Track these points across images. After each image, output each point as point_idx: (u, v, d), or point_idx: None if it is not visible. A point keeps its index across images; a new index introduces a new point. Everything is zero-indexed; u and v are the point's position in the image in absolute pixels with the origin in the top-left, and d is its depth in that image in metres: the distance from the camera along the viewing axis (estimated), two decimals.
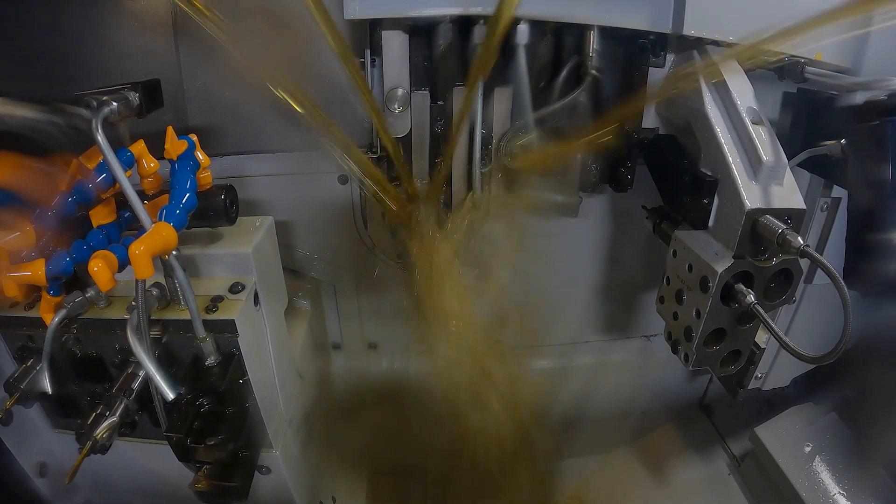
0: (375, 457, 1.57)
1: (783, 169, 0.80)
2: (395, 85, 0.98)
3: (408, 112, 1.00)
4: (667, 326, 0.96)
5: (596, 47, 0.94)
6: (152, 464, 1.00)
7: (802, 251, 0.72)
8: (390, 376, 1.49)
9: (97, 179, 0.75)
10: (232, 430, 0.82)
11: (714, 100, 0.88)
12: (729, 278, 0.80)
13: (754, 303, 0.78)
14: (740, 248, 0.80)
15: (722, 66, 0.88)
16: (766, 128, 0.83)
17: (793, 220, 0.78)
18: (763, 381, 1.28)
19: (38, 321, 0.82)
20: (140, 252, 0.67)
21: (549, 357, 1.54)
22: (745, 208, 0.78)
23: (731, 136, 0.85)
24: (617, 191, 1.11)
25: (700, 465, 1.57)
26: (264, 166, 1.12)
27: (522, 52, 0.92)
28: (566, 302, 1.46)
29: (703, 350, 0.87)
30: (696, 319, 0.85)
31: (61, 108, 0.66)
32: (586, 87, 0.96)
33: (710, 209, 0.87)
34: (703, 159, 0.89)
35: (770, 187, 0.80)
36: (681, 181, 0.93)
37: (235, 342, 0.85)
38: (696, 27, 0.88)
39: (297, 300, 1.29)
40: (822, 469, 1.27)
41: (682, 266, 0.89)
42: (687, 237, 0.90)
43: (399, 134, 1.01)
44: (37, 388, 0.84)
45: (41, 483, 1.01)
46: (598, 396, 1.59)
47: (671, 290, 0.93)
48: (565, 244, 1.34)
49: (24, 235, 0.73)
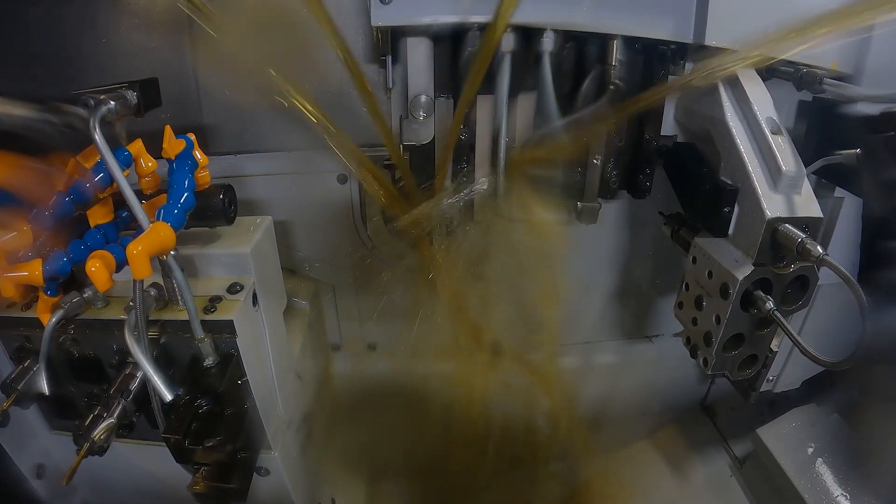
0: (375, 458, 1.56)
1: (802, 178, 0.82)
2: (420, 92, 0.98)
3: (431, 119, 1.00)
4: (685, 331, 0.98)
5: (619, 57, 0.94)
6: (150, 465, 1.00)
7: (822, 259, 0.73)
8: (390, 377, 1.48)
9: (94, 179, 0.74)
10: (230, 431, 0.81)
11: (734, 109, 0.89)
12: (748, 285, 0.82)
13: (773, 309, 0.80)
14: (760, 256, 0.82)
15: (741, 75, 0.89)
16: (785, 137, 0.84)
17: (810, 227, 0.80)
18: (774, 384, 1.29)
19: (35, 321, 0.81)
20: (138, 252, 0.67)
21: (563, 357, 1.53)
22: (766, 217, 0.80)
23: (752, 146, 0.86)
24: (636, 197, 1.12)
25: (702, 467, 1.57)
26: (263, 165, 1.12)
27: (547, 60, 0.92)
28: (571, 305, 1.45)
29: (721, 355, 0.89)
30: (717, 325, 0.87)
31: (58, 107, 0.66)
32: (609, 96, 0.96)
33: (730, 217, 0.88)
34: (724, 168, 0.90)
35: (790, 196, 0.82)
36: (701, 189, 0.94)
37: (234, 343, 0.84)
38: (718, 37, 0.89)
39: (296, 301, 1.28)
40: (825, 471, 1.27)
41: (702, 273, 0.91)
42: (707, 244, 0.91)
43: (423, 140, 1.02)
44: (34, 389, 0.83)
45: (38, 485, 1.00)
46: (600, 397, 1.58)
47: (690, 295, 0.95)
48: (577, 248, 1.34)
49: (20, 235, 0.72)
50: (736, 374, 0.93)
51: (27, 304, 0.86)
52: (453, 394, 1.37)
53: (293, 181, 1.15)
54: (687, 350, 0.99)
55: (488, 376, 1.46)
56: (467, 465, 1.62)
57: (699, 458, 1.59)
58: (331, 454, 1.41)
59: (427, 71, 0.97)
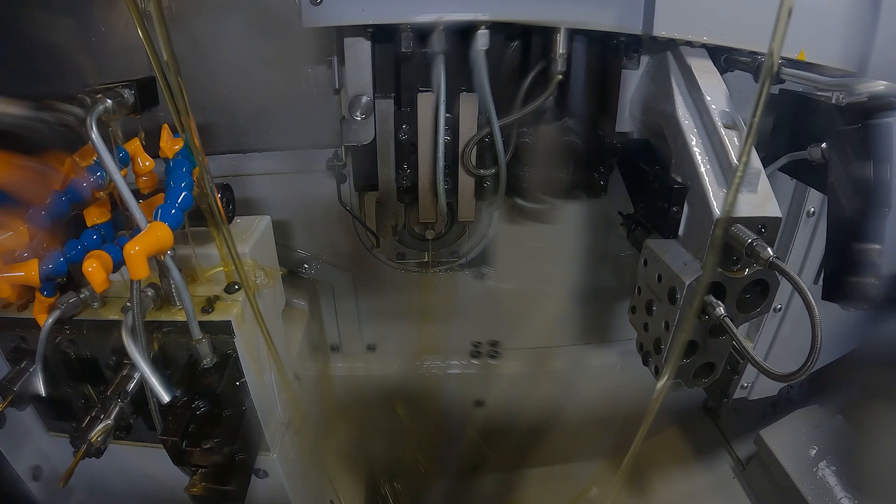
0: (375, 460, 1.56)
1: (757, 175, 0.76)
2: (358, 92, 0.96)
3: (371, 119, 0.98)
4: (638, 337, 0.93)
5: (562, 50, 0.91)
6: (147, 467, 0.99)
7: (771, 263, 0.68)
8: (389, 378, 1.47)
9: (91, 178, 0.74)
10: (228, 433, 0.81)
11: (685, 103, 0.84)
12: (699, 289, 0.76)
13: (724, 315, 0.74)
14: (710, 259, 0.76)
15: (695, 67, 0.85)
16: (742, 132, 0.79)
17: (767, 228, 0.74)
18: (749, 391, 1.26)
19: (31, 322, 0.80)
20: (135, 252, 0.66)
21: (553, 359, 1.53)
22: (714, 217, 0.75)
23: (703, 141, 0.81)
24: (590, 197, 1.09)
25: (704, 469, 1.56)
26: (262, 165, 1.11)
27: (483, 58, 0.90)
28: (569, 305, 1.45)
29: (673, 363, 0.82)
30: (666, 332, 0.82)
31: (52, 105, 0.65)
32: (552, 91, 0.94)
33: (679, 217, 0.83)
34: (674, 165, 0.85)
35: (742, 194, 0.75)
36: (651, 188, 0.89)
37: (232, 344, 0.84)
38: (668, 28, 0.85)
39: (294, 301, 1.27)
40: (829, 473, 1.26)
41: (652, 276, 0.85)
42: (657, 246, 0.86)
43: (363, 141, 0.99)
44: (30, 391, 0.82)
45: (35, 487, 1.00)
46: (601, 399, 1.57)
47: (642, 300, 0.90)
48: (555, 247, 1.33)
49: (16, 235, 0.72)
50: (691, 383, 0.86)
51: (23, 305, 0.86)
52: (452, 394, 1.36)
53: (292, 180, 1.15)
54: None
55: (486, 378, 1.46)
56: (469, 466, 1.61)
57: (701, 460, 1.58)
58: (330, 456, 1.40)
59: (365, 71, 0.95)
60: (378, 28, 0.89)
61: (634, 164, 0.98)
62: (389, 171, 1.03)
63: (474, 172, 1.01)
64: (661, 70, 0.92)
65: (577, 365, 1.52)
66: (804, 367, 0.64)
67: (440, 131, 0.96)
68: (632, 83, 0.99)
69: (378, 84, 0.96)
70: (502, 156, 0.98)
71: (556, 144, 1.03)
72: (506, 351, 1.49)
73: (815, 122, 0.87)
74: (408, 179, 1.03)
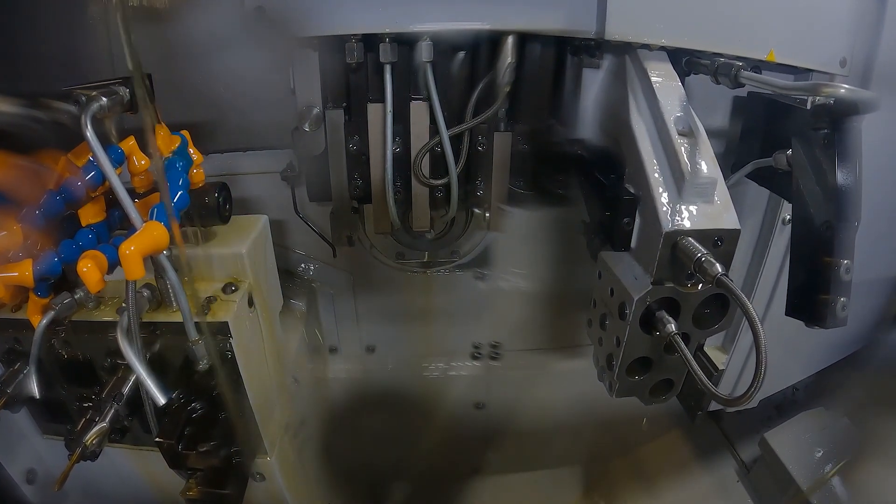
0: (374, 463, 1.54)
1: (713, 185, 0.71)
2: (309, 103, 0.95)
3: (321, 130, 0.97)
4: (594, 351, 0.90)
5: (510, 59, 0.88)
6: (143, 471, 0.98)
7: (718, 280, 0.64)
8: (389, 380, 1.46)
9: (86, 177, 0.73)
10: (225, 435, 0.79)
11: (639, 108, 0.80)
12: (651, 304, 0.73)
13: (674, 332, 0.71)
14: (659, 273, 0.72)
15: (651, 70, 0.80)
16: (698, 139, 0.74)
17: (725, 241, 0.70)
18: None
19: (25, 323, 0.79)
20: (131, 252, 0.65)
21: (553, 360, 1.51)
22: (663, 230, 0.70)
23: (655, 150, 0.76)
24: (547, 205, 1.07)
25: (708, 472, 1.54)
26: (259, 163, 1.10)
27: (429, 69, 0.89)
28: (568, 305, 1.43)
29: (626, 380, 0.80)
30: (617, 347, 0.78)
31: (45, 103, 0.64)
32: (502, 102, 0.92)
33: (630, 230, 0.79)
34: (628, 174, 0.81)
35: (697, 206, 0.71)
36: (604, 197, 0.85)
37: (229, 345, 0.83)
38: (622, 30, 0.81)
39: (292, 302, 1.26)
40: (834, 476, 1.24)
41: (605, 289, 0.82)
42: (610, 259, 0.82)
43: (315, 153, 0.98)
44: (24, 393, 0.81)
45: (29, 490, 0.99)
46: (603, 400, 1.56)
47: (597, 313, 0.86)
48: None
49: (10, 235, 0.71)
50: (648, 401, 0.83)
51: (17, 306, 0.84)
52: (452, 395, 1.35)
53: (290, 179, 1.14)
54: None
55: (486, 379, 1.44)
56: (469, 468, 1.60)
57: (705, 463, 1.57)
58: (329, 459, 1.39)
59: (314, 82, 0.94)
60: (325, 39, 0.88)
61: (588, 172, 0.94)
62: (342, 182, 1.02)
63: (425, 182, 1.00)
64: (620, 72, 0.88)
65: (577, 366, 1.51)
66: (748, 392, 0.61)
67: (388, 142, 0.95)
68: (594, 83, 0.95)
69: (328, 95, 0.96)
70: (452, 165, 0.98)
71: (509, 153, 1.01)
72: (506, 353, 1.47)
73: (785, 126, 0.84)
74: (360, 189, 1.03)
